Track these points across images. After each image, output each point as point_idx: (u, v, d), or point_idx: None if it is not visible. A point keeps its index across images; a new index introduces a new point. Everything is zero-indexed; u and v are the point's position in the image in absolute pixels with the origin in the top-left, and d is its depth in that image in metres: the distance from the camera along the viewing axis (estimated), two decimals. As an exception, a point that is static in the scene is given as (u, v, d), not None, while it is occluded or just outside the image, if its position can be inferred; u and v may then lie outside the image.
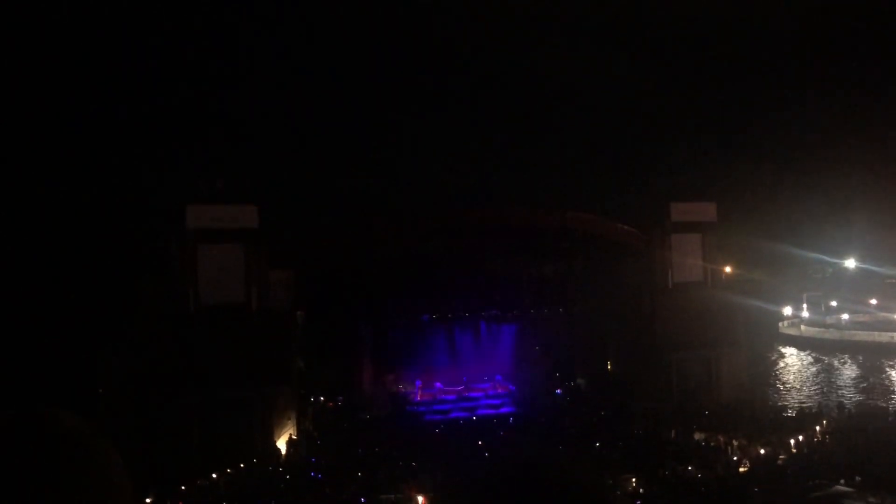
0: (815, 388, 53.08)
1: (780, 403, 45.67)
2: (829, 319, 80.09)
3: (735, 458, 28.47)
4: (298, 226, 38.49)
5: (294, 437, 35.75)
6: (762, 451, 28.88)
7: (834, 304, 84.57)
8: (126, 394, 33.09)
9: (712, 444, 30.85)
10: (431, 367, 47.94)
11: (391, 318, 47.08)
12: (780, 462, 27.56)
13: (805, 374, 60.24)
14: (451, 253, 42.24)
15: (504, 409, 44.05)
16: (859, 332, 71.55)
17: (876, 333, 68.78)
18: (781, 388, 53.95)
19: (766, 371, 59.36)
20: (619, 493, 24.03)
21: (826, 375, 58.57)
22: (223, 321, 34.20)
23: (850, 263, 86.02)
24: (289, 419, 36.12)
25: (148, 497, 24.99)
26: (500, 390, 47.42)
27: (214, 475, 28.77)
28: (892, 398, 46.80)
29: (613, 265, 44.39)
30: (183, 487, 26.87)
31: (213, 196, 35.53)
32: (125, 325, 34.70)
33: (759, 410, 38.16)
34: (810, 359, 67.25)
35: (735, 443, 29.99)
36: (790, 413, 39.01)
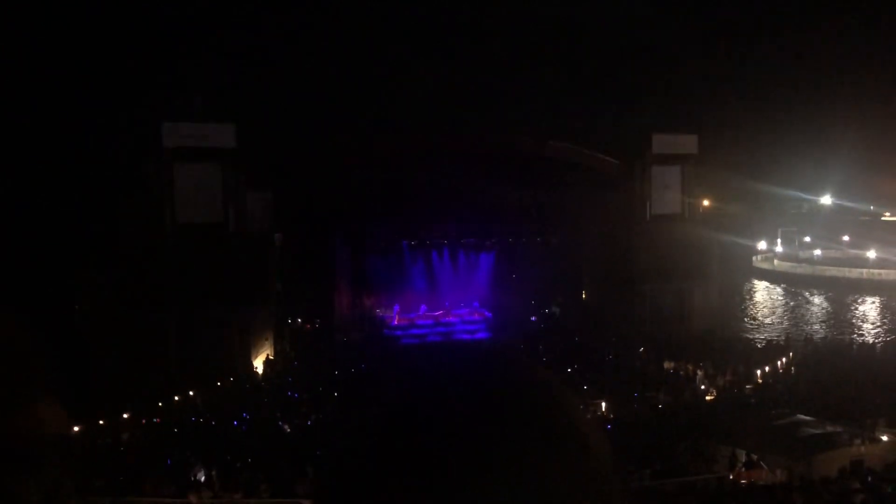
0: (784, 321, 54.24)
1: (748, 335, 46.68)
2: (802, 254, 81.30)
3: (702, 387, 29.26)
4: (277, 147, 38.02)
5: (271, 357, 36.17)
6: (729, 381, 29.66)
7: (807, 239, 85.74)
8: (103, 311, 33.14)
9: (681, 372, 31.62)
10: (409, 293, 48.35)
11: (369, 242, 47.18)
12: (745, 391, 28.35)
13: (775, 308, 61.46)
14: (430, 179, 42.07)
15: (479, 335, 44.71)
16: (830, 267, 72.76)
17: (846, 269, 69.99)
18: (751, 320, 55.07)
19: (738, 304, 60.45)
20: (588, 416, 24.70)
21: (795, 309, 59.79)
22: (200, 241, 34.05)
23: (826, 200, 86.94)
24: (266, 340, 36.47)
25: (125, 413, 25.31)
26: (476, 316, 48.06)
27: (191, 393, 29.13)
28: (856, 333, 47.98)
29: (592, 195, 44.48)
30: (160, 404, 27.21)
31: (189, 114, 34.91)
32: (102, 242, 34.47)
33: (728, 341, 39.01)
34: (781, 293, 68.51)
35: (702, 372, 30.75)
36: (758, 345, 39.95)
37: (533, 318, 48.18)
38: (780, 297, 66.53)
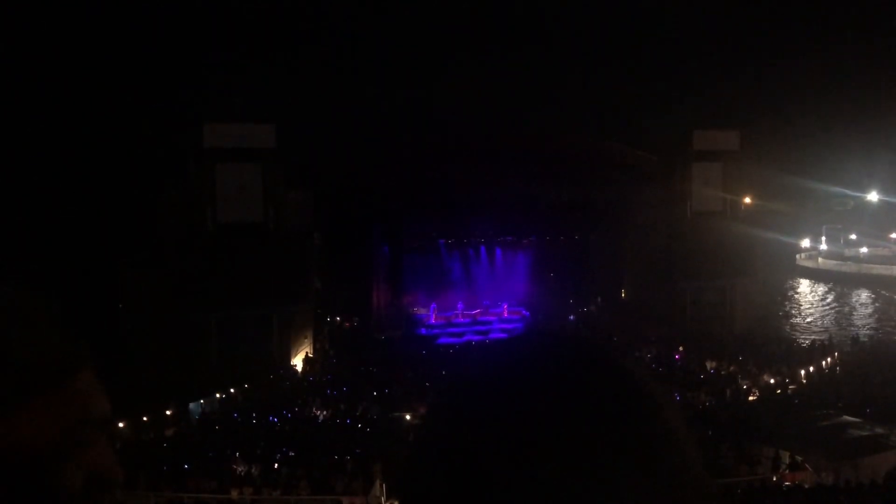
0: (829, 320, 53.16)
1: (792, 334, 45.85)
2: (848, 252, 79.53)
3: (745, 387, 28.80)
4: (316, 147, 38.31)
5: (310, 355, 36.45)
6: (772, 381, 29.17)
7: (853, 237, 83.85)
8: (146, 309, 33.72)
9: (723, 372, 31.17)
10: (446, 291, 48.30)
11: (407, 240, 47.24)
12: (789, 392, 27.86)
13: (819, 307, 60.27)
14: (468, 176, 42.00)
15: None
16: (877, 265, 71.11)
17: (894, 268, 68.33)
18: (795, 319, 54.08)
19: (781, 302, 59.42)
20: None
21: (840, 308, 58.57)
22: (241, 240, 34.47)
23: (873, 196, 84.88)
24: (305, 337, 36.75)
25: (168, 410, 25.73)
26: (513, 315, 47.77)
27: (232, 390, 29.50)
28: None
29: (632, 192, 44.04)
30: (202, 401, 27.61)
31: (231, 114, 35.33)
32: (144, 242, 35.07)
33: (771, 341, 38.37)
34: (826, 291, 67.16)
35: (745, 372, 30.28)
36: (802, 344, 39.24)
37: (571, 317, 47.86)
38: (825, 296, 65.21)
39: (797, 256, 79.84)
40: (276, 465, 19.71)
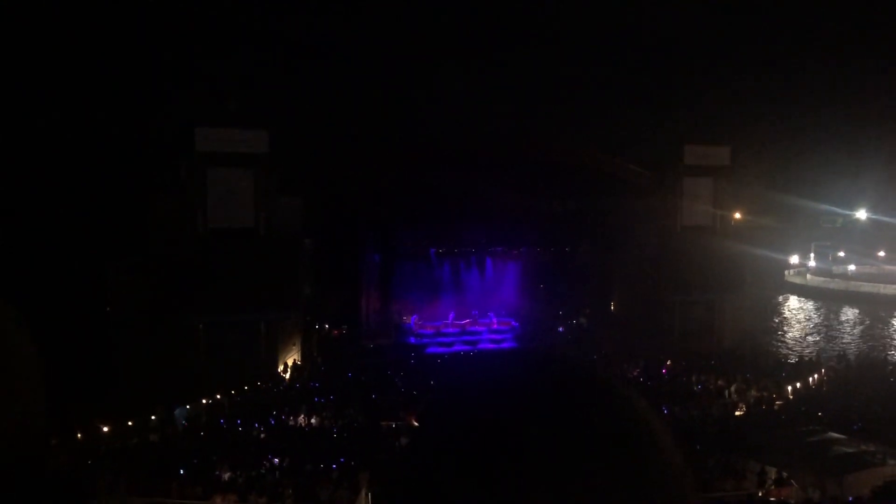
0: (817, 336, 53.37)
1: (780, 350, 45.98)
2: (836, 270, 80.00)
3: (732, 402, 28.85)
4: (309, 153, 38.28)
5: (298, 361, 36.32)
6: (759, 397, 29.23)
7: (842, 254, 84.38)
8: (134, 313, 33.54)
9: (710, 386, 31.21)
10: (436, 300, 48.27)
11: (398, 249, 47.22)
12: (775, 407, 27.92)
13: (807, 323, 60.52)
14: (460, 186, 42.04)
15: (505, 345, 44.50)
16: (865, 283, 71.53)
17: (881, 286, 68.76)
18: (782, 335, 54.27)
19: (769, 318, 59.62)
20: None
21: (828, 325, 58.82)
22: (231, 245, 34.36)
23: (861, 214, 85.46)
24: (294, 344, 36.63)
25: (154, 415, 25.55)
26: (502, 326, 47.76)
27: (219, 396, 29.32)
28: (891, 350, 47.05)
29: (623, 205, 44.19)
30: (188, 406, 27.44)
31: (223, 119, 35.27)
32: (134, 245, 34.92)
33: (758, 356, 38.47)
34: (814, 308, 67.45)
35: (733, 387, 30.34)
36: (789, 360, 39.36)
37: (560, 329, 47.86)
38: (812, 312, 65.49)
39: (786, 273, 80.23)
40: (261, 473, 19.59)
